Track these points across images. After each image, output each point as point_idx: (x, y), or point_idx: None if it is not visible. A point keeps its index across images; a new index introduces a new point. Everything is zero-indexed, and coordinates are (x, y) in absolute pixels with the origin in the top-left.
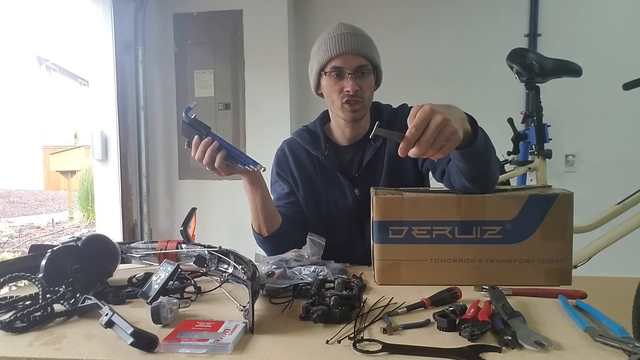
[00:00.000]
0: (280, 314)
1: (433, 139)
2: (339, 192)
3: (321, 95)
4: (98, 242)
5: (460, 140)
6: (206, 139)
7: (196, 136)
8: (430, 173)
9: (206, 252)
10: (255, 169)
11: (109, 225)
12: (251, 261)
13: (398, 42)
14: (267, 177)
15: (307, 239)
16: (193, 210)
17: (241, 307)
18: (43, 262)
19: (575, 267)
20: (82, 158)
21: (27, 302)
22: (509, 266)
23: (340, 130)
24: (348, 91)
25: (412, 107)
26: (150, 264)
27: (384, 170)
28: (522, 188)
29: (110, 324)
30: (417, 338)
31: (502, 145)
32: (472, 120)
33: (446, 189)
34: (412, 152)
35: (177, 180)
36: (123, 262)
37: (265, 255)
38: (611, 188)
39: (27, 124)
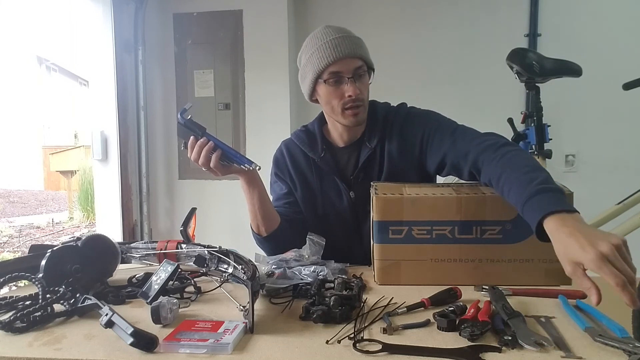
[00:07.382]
0: (280, 314)
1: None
2: (335, 193)
3: (316, 101)
4: (98, 242)
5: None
6: (201, 140)
7: (192, 137)
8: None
9: (206, 252)
10: (251, 168)
11: (109, 225)
12: (251, 261)
13: (398, 41)
14: (266, 178)
15: (307, 239)
16: (193, 210)
17: (241, 307)
18: (43, 262)
19: None
20: (82, 158)
21: (27, 302)
22: (509, 266)
23: (337, 132)
24: (350, 96)
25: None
26: (150, 264)
27: (384, 172)
28: None
29: (110, 324)
30: (417, 338)
31: None
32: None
33: (446, 188)
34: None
35: (177, 180)
36: (123, 262)
37: (265, 255)
38: (611, 188)
39: (27, 124)
